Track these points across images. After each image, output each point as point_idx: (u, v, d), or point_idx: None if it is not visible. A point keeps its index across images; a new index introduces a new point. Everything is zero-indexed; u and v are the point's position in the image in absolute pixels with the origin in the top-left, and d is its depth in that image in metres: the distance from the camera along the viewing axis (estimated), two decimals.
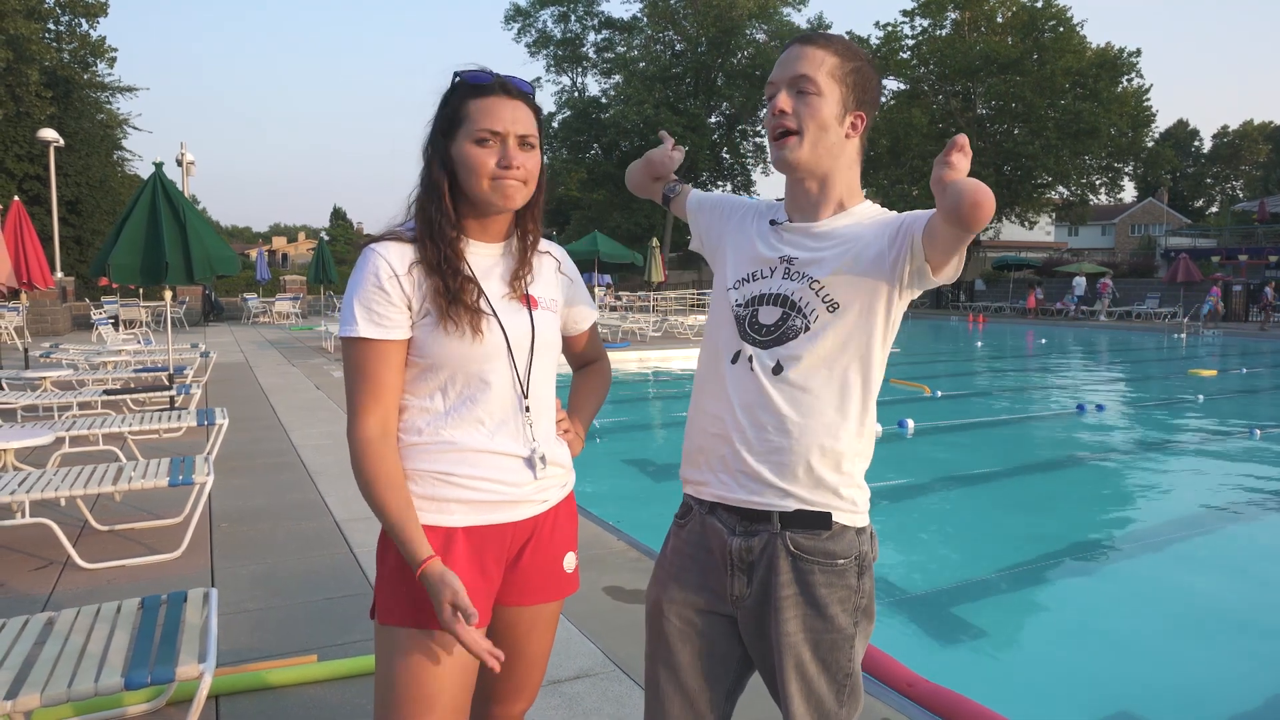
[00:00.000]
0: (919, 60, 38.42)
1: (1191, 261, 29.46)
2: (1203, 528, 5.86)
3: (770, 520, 1.47)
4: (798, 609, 1.45)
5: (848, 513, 1.48)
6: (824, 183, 1.51)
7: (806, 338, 1.46)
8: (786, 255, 1.52)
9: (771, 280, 1.52)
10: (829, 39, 1.48)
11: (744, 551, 1.49)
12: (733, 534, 1.50)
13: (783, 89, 1.46)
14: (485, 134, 1.46)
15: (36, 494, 3.90)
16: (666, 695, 1.55)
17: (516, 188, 1.49)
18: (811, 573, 1.45)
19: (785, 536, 1.46)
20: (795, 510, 1.46)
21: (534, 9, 45.74)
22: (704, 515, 1.55)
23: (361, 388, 1.47)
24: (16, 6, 23.62)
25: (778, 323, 1.49)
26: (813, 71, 1.44)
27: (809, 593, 1.45)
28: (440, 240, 1.49)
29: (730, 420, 1.50)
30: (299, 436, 7.33)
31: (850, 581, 1.47)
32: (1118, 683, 3.65)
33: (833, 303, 1.46)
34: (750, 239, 1.60)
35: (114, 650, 2.28)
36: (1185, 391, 12.50)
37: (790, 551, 1.46)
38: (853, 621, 1.47)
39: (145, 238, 7.77)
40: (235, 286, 34.09)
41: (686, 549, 1.57)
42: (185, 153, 25.66)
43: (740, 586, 1.50)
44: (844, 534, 1.48)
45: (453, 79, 1.52)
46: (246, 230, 77.66)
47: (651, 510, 6.14)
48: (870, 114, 1.51)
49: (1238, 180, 64.94)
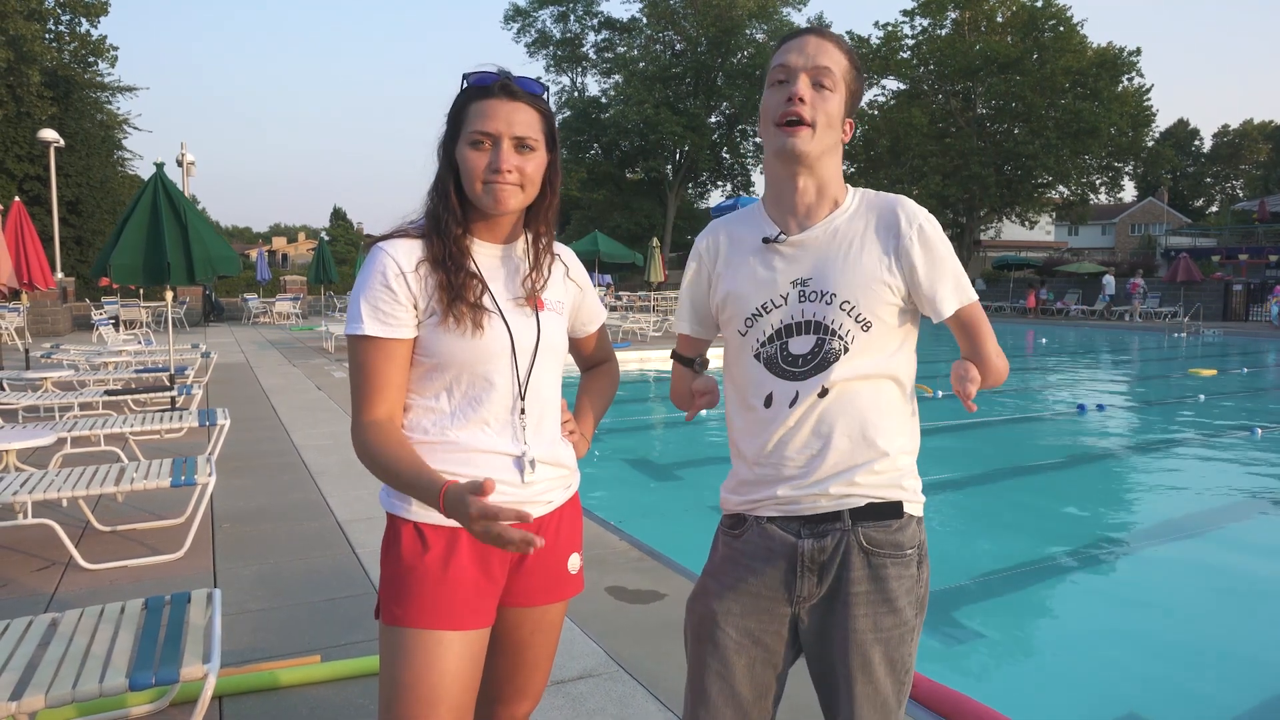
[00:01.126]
0: (919, 60, 38.43)
1: (1192, 261, 29.49)
2: (1205, 527, 5.86)
3: (841, 519, 1.46)
4: (869, 606, 1.44)
5: (914, 502, 1.50)
6: (822, 182, 1.49)
7: (848, 358, 1.44)
8: (798, 278, 1.48)
9: (790, 307, 1.47)
10: (843, 41, 1.49)
11: (816, 552, 1.46)
12: (799, 537, 1.47)
13: (803, 75, 1.42)
14: (478, 136, 1.47)
15: (39, 495, 3.90)
16: (717, 705, 1.51)
17: (510, 191, 1.48)
18: (884, 566, 1.45)
19: (858, 532, 1.45)
20: (866, 504, 1.46)
21: (533, 9, 45.78)
22: (763, 523, 1.50)
23: (367, 386, 1.47)
24: (17, 7, 23.61)
25: (814, 350, 1.46)
26: (834, 66, 1.44)
27: (883, 587, 1.45)
28: (445, 236, 1.51)
29: (786, 455, 1.47)
30: (300, 437, 7.33)
31: (914, 571, 1.48)
32: (1121, 683, 3.65)
33: (865, 321, 1.44)
34: (744, 271, 1.53)
35: (118, 651, 2.28)
36: (1185, 391, 12.50)
37: (863, 547, 1.45)
38: (915, 613, 1.48)
39: (146, 238, 7.78)
40: (236, 287, 34.08)
41: (743, 559, 1.52)
42: (185, 153, 25.68)
43: (809, 586, 1.47)
44: (909, 523, 1.48)
45: (462, 81, 1.53)
46: (247, 230, 77.68)
47: (651, 511, 6.14)
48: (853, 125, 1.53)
49: (1238, 180, 64.95)
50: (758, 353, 1.50)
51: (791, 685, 1.67)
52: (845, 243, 1.48)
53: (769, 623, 1.51)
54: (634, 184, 45.08)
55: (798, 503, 1.47)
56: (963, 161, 35.87)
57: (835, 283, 1.46)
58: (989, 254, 42.72)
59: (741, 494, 1.54)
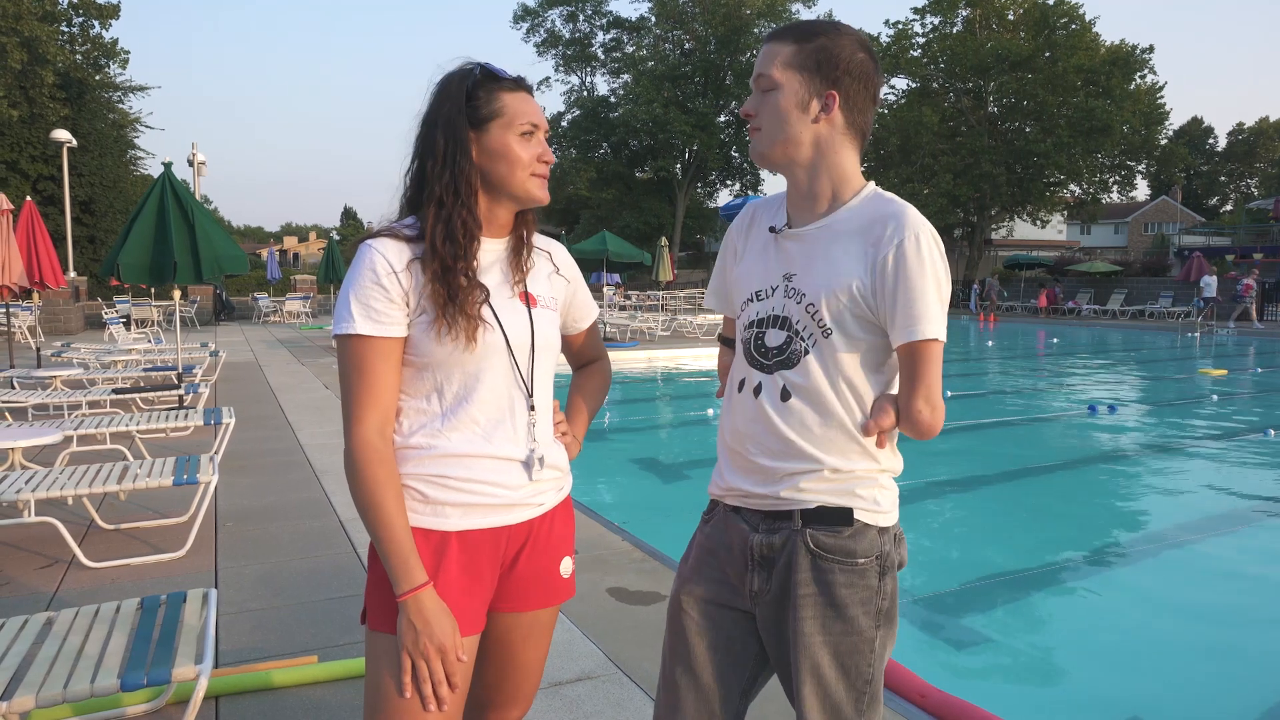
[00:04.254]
0: (929, 58, 38.22)
1: (1205, 260, 29.22)
2: (1217, 530, 5.79)
3: (791, 518, 1.45)
4: (816, 609, 1.42)
5: (869, 511, 1.45)
6: (811, 176, 1.47)
7: (808, 361, 1.44)
8: (787, 271, 1.49)
9: (774, 300, 1.49)
10: (787, 29, 1.46)
11: (764, 547, 1.47)
12: (754, 530, 1.49)
13: (753, 89, 1.49)
14: (529, 126, 1.47)
15: (43, 493, 3.91)
16: (681, 689, 1.53)
17: (544, 183, 1.52)
18: (831, 572, 1.43)
19: (806, 534, 1.44)
20: (816, 507, 1.44)
21: (542, 9, 45.79)
22: (727, 512, 1.55)
23: (359, 387, 1.41)
24: (32, 9, 23.78)
25: (783, 345, 1.46)
26: (766, 68, 1.44)
27: (829, 593, 1.42)
28: (466, 240, 1.45)
29: (747, 444, 1.49)
30: (306, 435, 7.34)
31: (871, 582, 1.44)
32: (1132, 688, 3.60)
33: (825, 328, 1.42)
34: (755, 256, 1.57)
35: (111, 651, 2.27)
36: (1197, 391, 12.38)
37: (810, 549, 1.43)
38: (874, 624, 1.44)
39: (153, 237, 7.81)
40: (246, 286, 34.28)
41: (708, 544, 1.57)
42: (196, 153, 25.78)
43: (759, 582, 1.48)
44: (866, 532, 1.44)
45: (475, 70, 1.49)
46: (258, 230, 78.20)
47: (657, 511, 6.12)
48: (855, 87, 1.42)
49: (1253, 178, 64.39)
50: (743, 336, 1.54)
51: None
52: (829, 244, 1.45)
53: (728, 609, 1.53)
54: (643, 183, 45.03)
55: (753, 497, 1.49)
56: (974, 160, 35.66)
57: (809, 283, 1.45)
58: (1000, 253, 42.47)
59: (716, 478, 1.58)
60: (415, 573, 1.38)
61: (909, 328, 1.36)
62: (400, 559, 1.38)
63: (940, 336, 1.37)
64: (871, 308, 1.40)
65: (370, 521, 1.39)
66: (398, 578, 1.38)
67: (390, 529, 1.38)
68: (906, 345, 1.37)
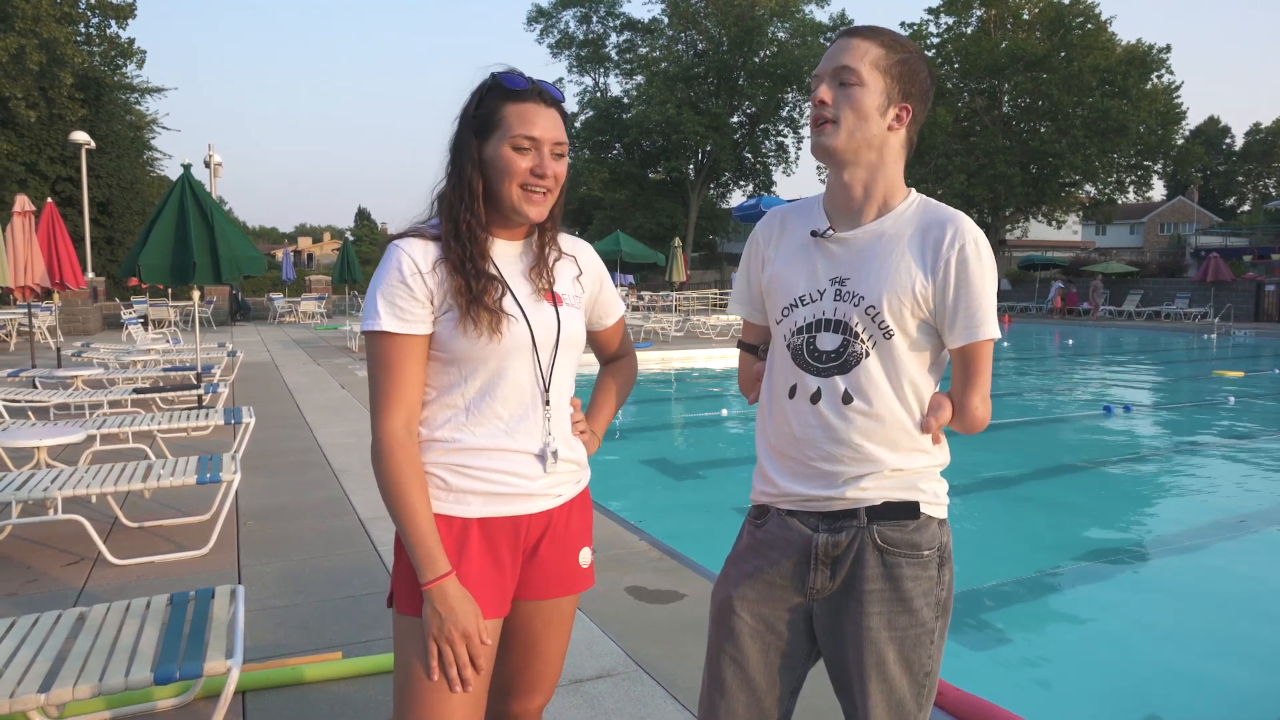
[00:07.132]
0: (944, 58, 38.05)
1: (1222, 260, 28.97)
2: (1235, 531, 5.76)
3: (856, 516, 1.47)
4: (883, 605, 1.45)
5: (931, 504, 1.49)
6: (868, 179, 1.48)
7: (869, 363, 1.45)
8: (836, 275, 1.49)
9: (823, 303, 1.49)
10: (876, 31, 1.47)
11: (830, 546, 1.48)
12: (817, 531, 1.49)
13: (825, 80, 1.46)
14: (524, 141, 1.48)
15: (69, 491, 3.97)
16: (731, 690, 1.54)
17: (543, 197, 1.51)
18: (899, 565, 1.45)
19: (872, 530, 1.46)
20: (883, 503, 1.46)
21: (556, 10, 45.87)
22: (784, 514, 1.54)
23: (385, 383, 1.47)
24: (49, 11, 24.01)
25: (839, 349, 1.47)
26: (855, 63, 1.43)
27: (896, 586, 1.45)
28: (469, 241, 1.50)
29: (807, 450, 1.49)
30: (324, 435, 7.40)
31: (933, 573, 1.48)
32: (1152, 691, 3.60)
33: (887, 330, 1.45)
34: (791, 260, 1.55)
35: (144, 645, 2.32)
36: (1213, 392, 12.29)
37: (878, 545, 1.46)
38: (934, 615, 1.47)
39: (174, 238, 7.89)
40: (261, 286, 34.50)
41: (763, 547, 1.56)
42: (213, 155, 25.97)
43: (822, 580, 1.49)
44: (928, 524, 1.48)
45: (488, 78, 1.52)
46: (273, 230, 78.61)
47: (674, 510, 6.13)
48: (919, 108, 1.48)
49: (1270, 178, 63.77)
50: (788, 342, 1.53)
51: (811, 688, 1.66)
52: (885, 248, 1.47)
53: (783, 610, 1.53)
54: (656, 184, 45.01)
55: (815, 500, 1.50)
56: (988, 160, 35.48)
57: (866, 286, 1.46)
58: (1014, 254, 42.21)
59: (765, 485, 1.57)
60: (439, 562, 1.44)
61: (970, 329, 1.43)
62: (425, 549, 1.43)
63: (997, 335, 1.45)
64: (930, 310, 1.44)
65: (396, 512, 1.45)
66: (422, 567, 1.43)
67: (415, 520, 1.44)
68: (966, 346, 1.45)
